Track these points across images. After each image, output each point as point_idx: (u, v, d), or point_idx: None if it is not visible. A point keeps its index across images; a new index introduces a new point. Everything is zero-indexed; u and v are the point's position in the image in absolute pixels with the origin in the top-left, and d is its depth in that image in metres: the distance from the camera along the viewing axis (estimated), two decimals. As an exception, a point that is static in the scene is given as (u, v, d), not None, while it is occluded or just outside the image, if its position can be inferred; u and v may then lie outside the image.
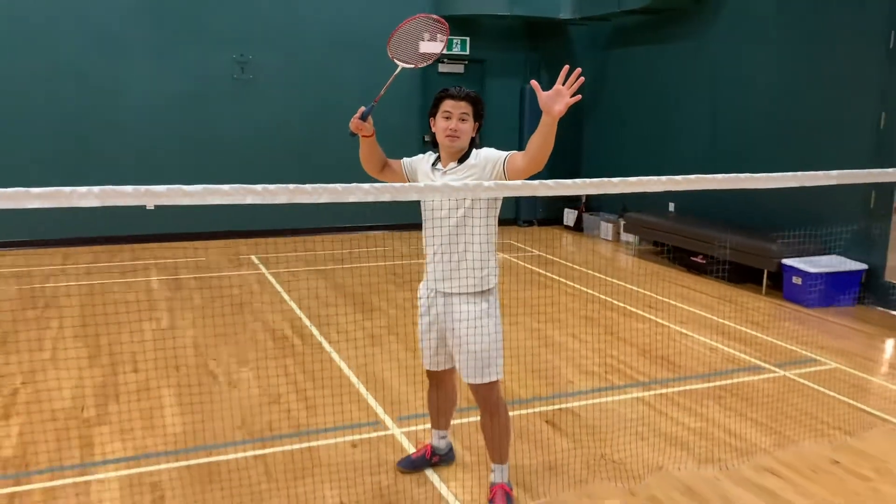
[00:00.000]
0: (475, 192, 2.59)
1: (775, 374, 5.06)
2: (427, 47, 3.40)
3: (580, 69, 2.71)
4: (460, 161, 3.09)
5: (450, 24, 3.50)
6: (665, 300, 6.94)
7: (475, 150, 3.10)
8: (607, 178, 2.55)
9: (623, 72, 10.26)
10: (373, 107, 3.08)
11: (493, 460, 3.31)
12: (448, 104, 3.05)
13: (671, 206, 9.25)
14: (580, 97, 2.73)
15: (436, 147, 3.19)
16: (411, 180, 3.26)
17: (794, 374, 5.05)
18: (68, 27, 8.71)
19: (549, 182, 2.46)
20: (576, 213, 10.80)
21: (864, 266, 6.83)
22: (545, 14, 10.14)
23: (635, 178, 2.56)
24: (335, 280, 7.52)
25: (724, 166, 7.95)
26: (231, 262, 8.28)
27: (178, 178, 2.04)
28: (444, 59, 10.45)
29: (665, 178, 2.59)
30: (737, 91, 8.35)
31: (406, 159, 3.31)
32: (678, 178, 2.60)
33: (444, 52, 3.43)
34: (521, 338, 5.65)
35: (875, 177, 3.09)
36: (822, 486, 3.52)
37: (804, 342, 5.74)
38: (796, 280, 6.87)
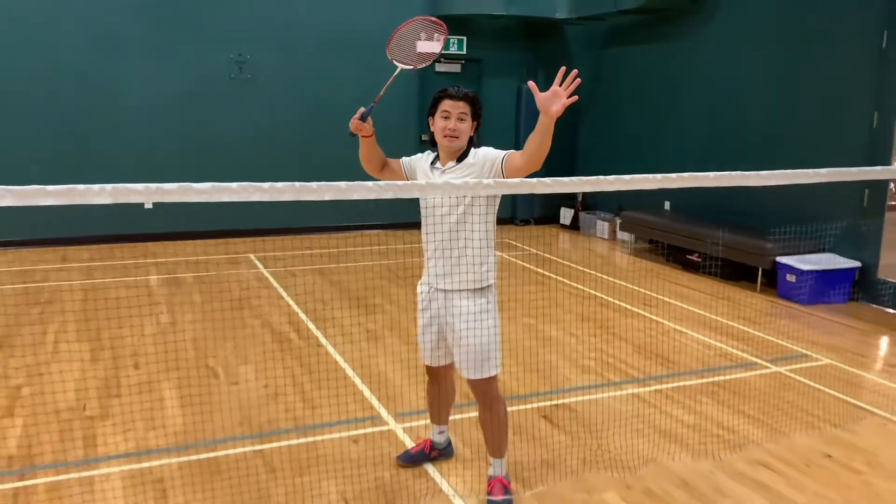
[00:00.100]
0: (475, 190, 2.65)
1: (769, 370, 5.13)
2: (424, 47, 3.45)
3: (577, 70, 2.77)
4: (459, 160, 3.13)
5: (446, 23, 3.55)
6: (661, 298, 7.01)
7: (473, 150, 3.14)
8: (603, 176, 2.61)
9: (619, 71, 10.31)
10: (372, 107, 3.13)
11: (491, 454, 3.36)
12: (446, 104, 3.10)
13: (667, 205, 9.31)
14: (577, 98, 2.78)
15: (434, 146, 3.23)
16: (410, 179, 3.30)
17: (788, 370, 5.12)
18: (67, 27, 8.73)
19: (547, 180, 2.52)
20: (572, 212, 10.85)
21: (857, 264, 6.90)
22: (541, 14, 10.20)
23: (630, 176, 2.62)
24: (333, 278, 7.57)
25: (719, 165, 8.01)
26: (229, 261, 8.33)
27: (176, 178, 2.08)
28: (441, 59, 10.50)
29: (660, 175, 2.66)
30: (732, 90, 8.42)
31: (405, 158, 3.35)
32: (672, 175, 2.66)
33: (442, 52, 3.48)
34: (519, 335, 5.71)
35: (864, 174, 3.15)
36: (815, 480, 3.58)
37: (797, 338, 5.80)
38: (790, 277, 6.94)
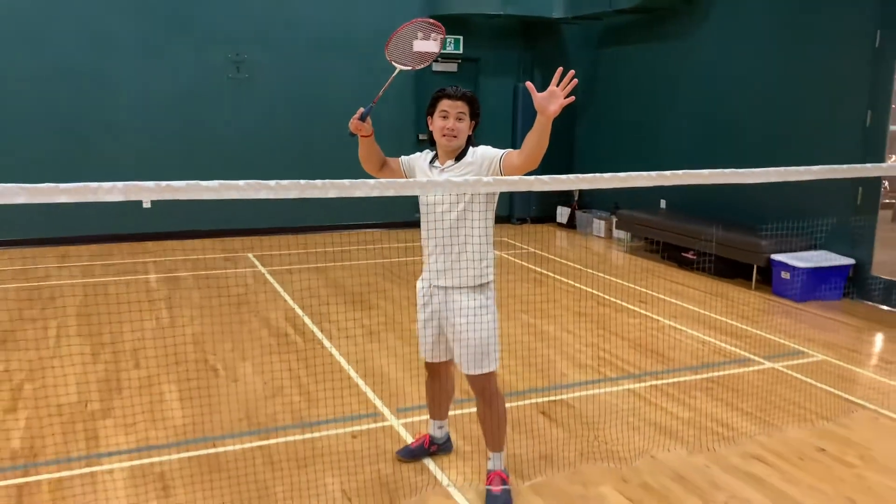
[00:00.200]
0: (476, 187, 2.70)
1: (763, 366, 5.18)
2: (422, 46, 3.49)
3: (573, 71, 2.81)
4: (457, 159, 3.17)
5: (443, 23, 3.59)
6: (656, 295, 7.06)
7: (472, 148, 3.18)
8: (599, 174, 2.66)
9: (615, 70, 10.37)
10: (371, 107, 3.17)
11: (489, 448, 3.41)
12: (445, 104, 3.14)
13: (662, 203, 9.37)
14: (574, 98, 2.82)
15: (433, 145, 3.27)
16: (409, 178, 3.34)
17: (782, 366, 5.17)
18: (65, 26, 8.75)
19: (545, 177, 2.57)
20: (568, 211, 10.90)
21: (850, 261, 6.96)
22: (538, 13, 10.26)
23: (626, 174, 2.67)
24: (331, 277, 7.61)
25: (715, 163, 8.04)
26: (228, 260, 8.37)
27: (174, 177, 2.13)
28: (438, 59, 10.54)
29: (655, 173, 2.71)
30: (726, 89, 8.48)
31: (404, 157, 3.39)
32: (667, 173, 2.71)
33: (440, 53, 3.52)
34: (517, 332, 5.76)
35: (854, 171, 3.21)
36: (809, 473, 3.64)
37: (792, 335, 5.87)
38: (785, 275, 7.00)
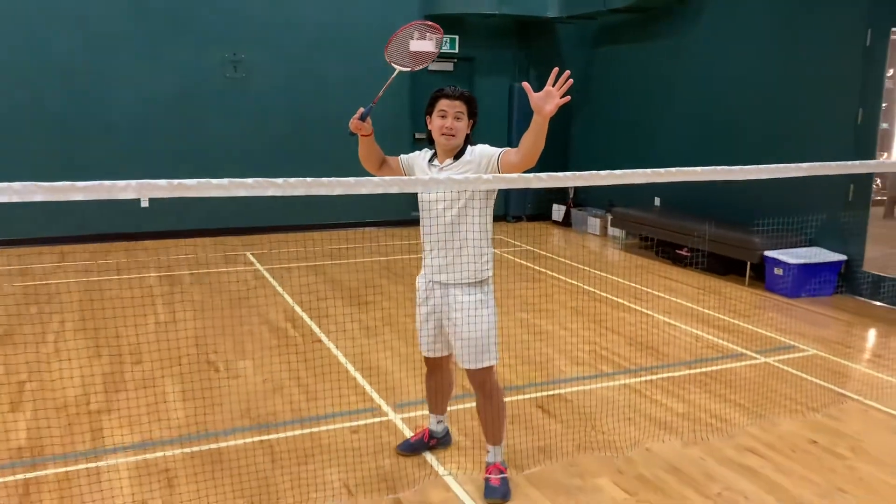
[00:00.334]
0: (477, 185, 2.76)
1: (757, 361, 5.26)
2: (418, 45, 3.55)
3: (569, 71, 2.87)
4: (456, 157, 3.23)
5: (439, 22, 3.65)
6: (651, 292, 7.14)
7: (470, 147, 3.24)
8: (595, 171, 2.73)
9: (609, 69, 10.45)
10: (371, 108, 3.22)
11: (488, 441, 3.47)
12: (444, 103, 3.20)
13: (657, 201, 9.45)
14: (570, 98, 2.89)
15: (432, 144, 3.33)
16: (408, 175, 3.40)
17: (775, 361, 5.25)
18: (60, 26, 8.78)
19: (543, 175, 2.64)
20: (564, 209, 10.97)
21: (842, 257, 7.05)
22: (533, 13, 10.33)
23: (621, 171, 2.74)
24: (329, 275, 7.67)
25: (708, 161, 8.12)
26: (226, 259, 8.41)
27: (171, 177, 2.18)
28: (436, 59, 10.61)
29: (649, 170, 2.78)
30: (720, 88, 8.55)
31: (403, 156, 3.45)
32: (661, 170, 2.78)
33: (438, 53, 3.58)
34: (514, 329, 5.83)
35: (843, 168, 3.29)
36: (801, 464, 3.71)
37: (785, 330, 5.95)
38: (777, 271, 7.08)
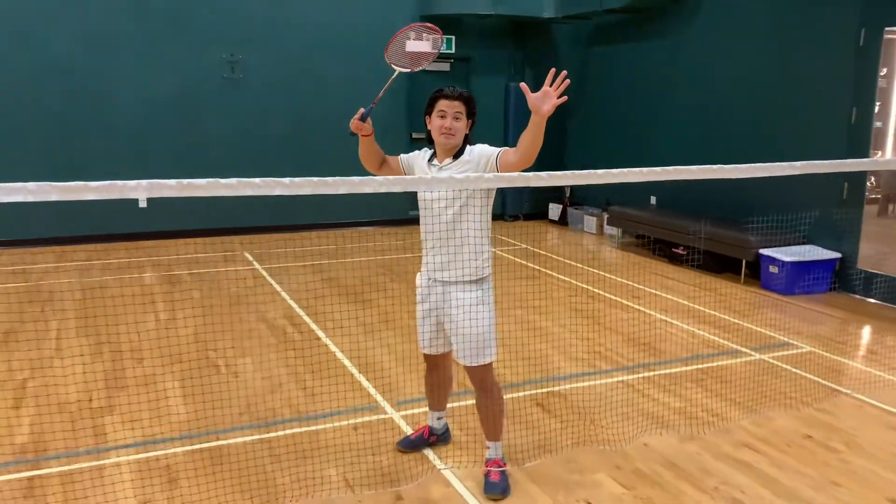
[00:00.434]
0: (477, 183, 2.80)
1: (752, 358, 5.31)
2: (414, 46, 3.59)
3: (566, 72, 2.92)
4: (455, 157, 3.27)
5: (436, 23, 3.69)
6: (648, 290, 7.19)
7: (469, 147, 3.28)
8: (592, 170, 2.78)
9: (605, 69, 10.49)
10: (372, 108, 3.26)
11: (487, 438, 3.51)
12: (443, 104, 3.24)
13: (653, 200, 9.50)
14: (566, 98, 2.93)
15: (431, 144, 3.37)
16: (408, 175, 3.44)
17: (771, 358, 5.30)
18: (59, 26, 8.80)
19: (542, 174, 2.69)
20: (560, 208, 11.02)
21: (837, 255, 7.11)
22: (528, 13, 10.38)
23: (618, 170, 2.79)
24: (328, 274, 7.70)
25: (705, 160, 8.16)
26: (224, 258, 8.44)
27: (169, 178, 2.22)
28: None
29: (645, 169, 2.83)
30: (714, 88, 8.60)
31: (403, 155, 3.49)
32: (657, 169, 2.83)
33: (437, 53, 3.62)
34: (511, 327, 5.86)
35: (836, 167, 3.34)
36: (796, 459, 3.76)
37: (780, 328, 6.00)
38: (773, 269, 7.14)
